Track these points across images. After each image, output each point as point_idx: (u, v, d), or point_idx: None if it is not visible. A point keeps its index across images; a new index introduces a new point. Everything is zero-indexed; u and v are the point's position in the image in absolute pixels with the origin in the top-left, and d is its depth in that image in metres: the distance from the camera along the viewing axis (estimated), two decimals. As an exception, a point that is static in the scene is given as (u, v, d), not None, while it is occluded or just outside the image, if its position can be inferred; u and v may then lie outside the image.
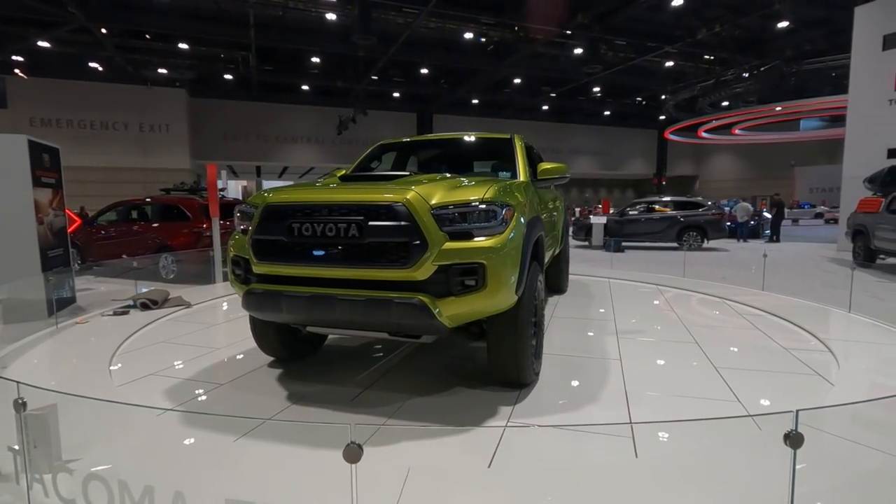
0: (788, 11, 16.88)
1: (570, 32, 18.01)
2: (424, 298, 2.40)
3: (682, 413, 2.69)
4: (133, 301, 5.38)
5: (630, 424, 2.50)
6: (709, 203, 14.38)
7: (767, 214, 17.90)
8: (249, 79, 23.19)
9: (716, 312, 5.26)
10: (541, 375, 3.19)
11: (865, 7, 12.24)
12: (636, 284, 6.93)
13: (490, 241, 2.51)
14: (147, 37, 19.35)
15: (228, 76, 23.02)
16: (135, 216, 9.15)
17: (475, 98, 28.69)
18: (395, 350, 3.83)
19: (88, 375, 3.36)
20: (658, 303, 5.75)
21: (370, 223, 2.45)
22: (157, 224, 8.68)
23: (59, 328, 4.55)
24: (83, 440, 2.25)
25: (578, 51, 19.34)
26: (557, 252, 5.61)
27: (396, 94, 27.70)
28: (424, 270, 2.41)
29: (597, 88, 27.46)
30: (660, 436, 2.51)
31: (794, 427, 1.44)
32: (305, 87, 25.88)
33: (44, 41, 17.96)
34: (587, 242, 14.34)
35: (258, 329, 3.33)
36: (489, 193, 2.61)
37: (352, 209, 2.51)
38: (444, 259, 2.42)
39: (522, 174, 3.74)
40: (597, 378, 3.21)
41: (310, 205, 2.60)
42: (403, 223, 2.42)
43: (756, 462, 2.18)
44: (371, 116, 25.65)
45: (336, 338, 4.04)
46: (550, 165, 3.81)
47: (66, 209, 6.15)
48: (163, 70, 21.26)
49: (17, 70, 20.54)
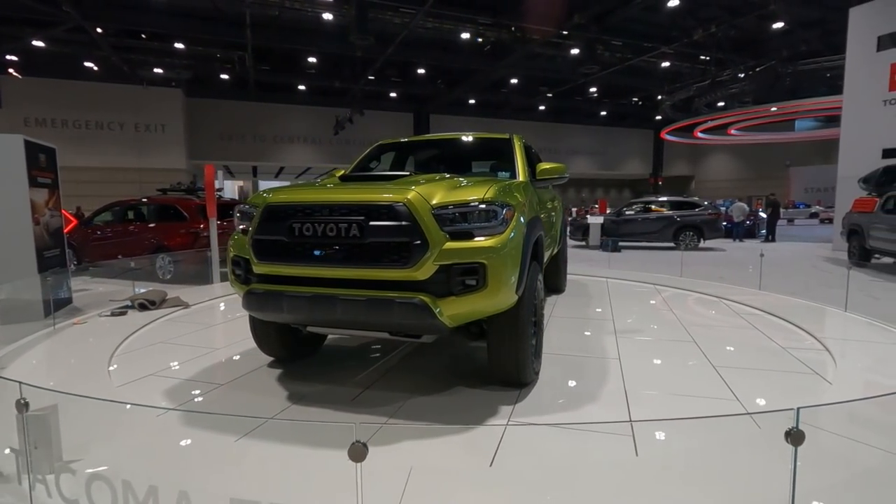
0: (783, 12, 16.98)
1: (567, 33, 18.04)
2: (425, 298, 2.41)
3: (682, 412, 2.70)
4: (131, 301, 5.36)
5: (630, 423, 2.51)
6: (705, 203, 14.44)
7: (763, 214, 18.00)
8: (246, 79, 23.09)
9: (713, 312, 5.29)
10: (540, 375, 3.20)
11: (860, 8, 12.31)
12: (634, 284, 6.95)
13: (491, 241, 2.52)
14: (143, 36, 19.26)
15: (225, 76, 22.93)
16: (131, 216, 9.12)
17: (472, 98, 28.69)
18: (395, 350, 3.83)
19: (87, 376, 3.35)
20: (656, 302, 5.77)
21: (371, 223, 2.45)
22: (154, 224, 8.65)
23: (57, 329, 4.53)
24: (84, 441, 2.24)
25: (575, 51, 19.38)
26: (556, 252, 5.62)
27: (393, 94, 27.66)
28: (425, 270, 2.41)
29: (593, 89, 27.49)
30: (660, 434, 2.52)
31: (795, 424, 1.46)
32: (302, 87, 25.80)
33: (39, 41, 17.84)
34: (584, 242, 14.38)
35: (258, 329, 3.33)
36: (489, 193, 2.62)
37: (353, 209, 2.51)
38: (445, 259, 2.43)
39: (522, 174, 3.75)
40: (596, 377, 3.23)
41: (311, 205, 2.60)
42: (404, 223, 2.42)
43: (756, 460, 2.20)
44: (368, 116, 25.61)
45: (335, 338, 4.04)
46: (549, 165, 3.83)
47: (62, 209, 6.13)
48: (159, 70, 21.13)
49: (12, 70, 20.42)
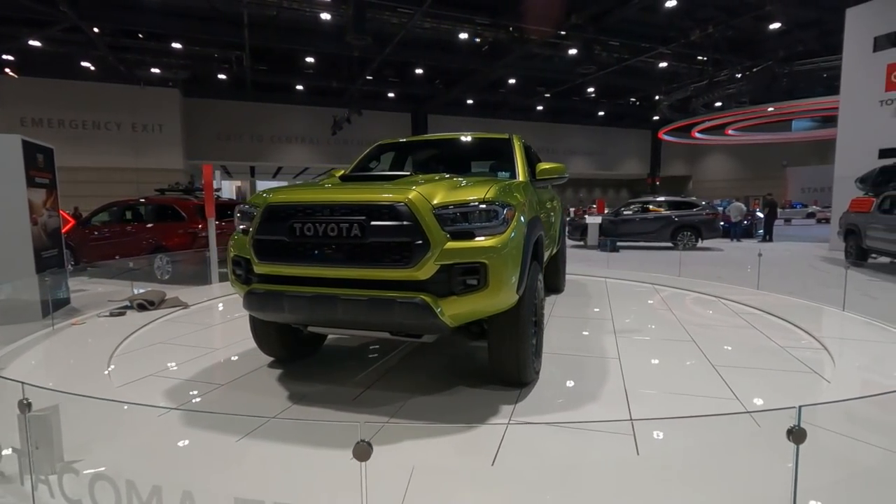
0: (780, 13, 17.03)
1: (565, 33, 18.04)
2: (427, 298, 2.41)
3: (682, 411, 2.72)
4: (130, 302, 5.35)
5: (631, 421, 2.52)
6: (703, 203, 14.47)
7: (760, 214, 18.05)
8: (243, 79, 23.03)
9: (712, 311, 5.31)
10: (541, 374, 3.21)
11: (857, 9, 12.36)
12: (632, 284, 6.97)
13: (491, 241, 2.52)
14: (140, 36, 19.18)
15: (222, 76, 22.83)
16: (129, 217, 9.09)
17: (470, 98, 28.67)
18: (395, 350, 3.83)
19: (87, 377, 3.34)
20: (655, 302, 5.79)
21: (372, 223, 2.46)
22: (152, 225, 8.62)
23: (56, 329, 4.52)
24: (85, 441, 2.24)
25: (573, 51, 19.38)
26: (555, 252, 5.63)
27: (391, 95, 27.63)
28: (427, 270, 2.42)
29: (591, 89, 27.52)
30: (660, 433, 2.53)
31: (797, 423, 1.47)
32: (300, 87, 25.75)
33: (35, 40, 17.74)
34: (583, 242, 14.40)
35: (259, 329, 3.32)
36: (490, 193, 2.62)
37: (354, 209, 2.51)
38: (446, 259, 2.43)
39: (521, 174, 3.76)
40: (596, 377, 3.23)
41: (312, 205, 2.60)
42: (406, 223, 2.43)
43: (757, 458, 2.21)
44: (366, 116, 25.57)
45: (335, 338, 4.04)
46: (549, 166, 3.84)
47: (60, 210, 6.10)
48: (156, 70, 21.05)
49: (8, 69, 20.32)
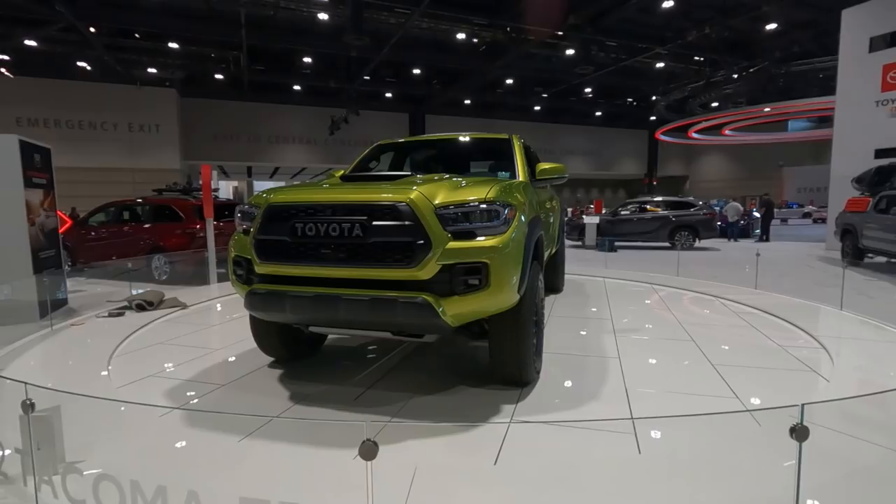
0: (777, 14, 17.12)
1: (562, 34, 18.08)
2: (429, 298, 2.41)
3: (682, 409, 2.73)
4: (128, 302, 5.33)
5: (632, 420, 2.53)
6: (700, 203, 14.52)
7: (757, 214, 18.11)
8: (241, 78, 22.96)
9: (711, 311, 5.33)
10: (541, 374, 3.21)
11: (852, 10, 12.43)
12: (631, 283, 6.99)
13: (493, 241, 2.53)
14: (136, 36, 19.12)
15: (219, 76, 22.78)
16: (126, 217, 9.06)
17: (467, 98, 28.69)
18: (395, 349, 3.83)
19: (87, 377, 3.33)
20: (653, 301, 5.81)
21: (374, 223, 2.46)
22: (150, 225, 8.59)
23: (54, 330, 4.51)
24: (86, 441, 2.23)
25: (570, 52, 19.41)
26: (554, 252, 5.64)
27: (389, 95, 27.62)
28: (429, 270, 2.42)
29: (588, 89, 27.59)
30: (661, 432, 2.54)
31: (800, 420, 1.48)
32: (297, 88, 25.70)
33: (31, 40, 17.65)
34: (581, 242, 14.42)
35: (259, 329, 3.32)
36: (492, 193, 2.63)
37: (356, 209, 2.51)
38: (448, 258, 2.44)
39: (522, 174, 3.76)
40: (596, 376, 3.24)
41: (314, 205, 2.60)
42: (408, 223, 2.43)
43: (758, 456, 2.22)
44: (363, 117, 25.56)
45: (335, 338, 4.04)
46: (549, 166, 3.85)
47: (58, 210, 6.08)
48: (152, 69, 20.98)
49: (4, 69, 20.21)
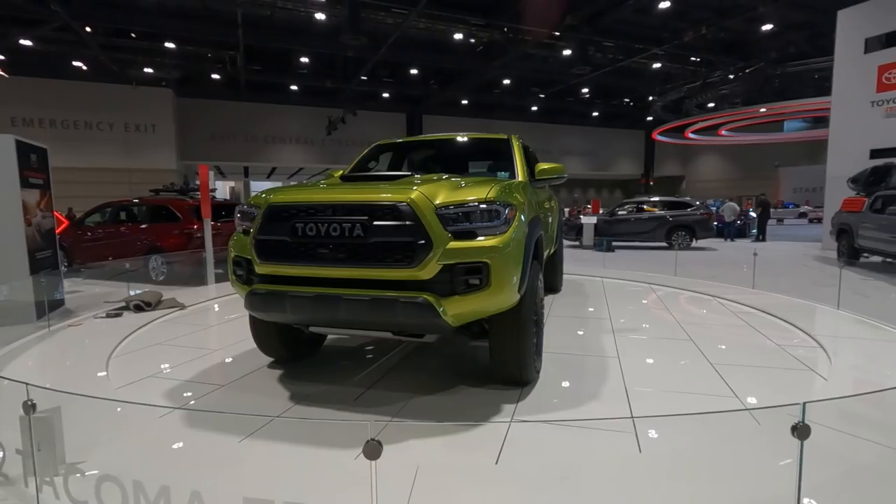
0: (772, 15, 17.20)
1: (559, 34, 18.13)
2: (429, 298, 2.42)
3: (681, 408, 2.74)
4: (126, 303, 5.31)
5: (632, 419, 2.54)
6: (697, 203, 14.58)
7: (753, 214, 18.20)
8: (237, 78, 22.92)
9: (709, 310, 5.35)
10: (541, 374, 3.22)
11: (848, 10, 12.49)
12: (629, 283, 7.01)
13: (493, 241, 2.53)
14: (132, 35, 19.05)
15: (216, 76, 22.72)
16: (123, 217, 9.02)
17: (465, 99, 28.72)
18: (395, 349, 3.83)
19: (86, 378, 3.32)
20: (652, 301, 5.82)
21: (375, 223, 2.46)
22: (147, 225, 8.56)
23: (52, 331, 4.48)
24: (87, 442, 2.23)
25: (567, 52, 19.48)
26: (552, 252, 5.65)
27: (386, 95, 27.61)
28: (429, 270, 2.42)
29: (585, 90, 27.67)
30: (661, 431, 2.55)
31: (802, 419, 1.49)
32: (294, 88, 25.66)
33: (26, 39, 17.57)
34: (578, 242, 14.45)
35: (259, 330, 3.31)
36: (492, 193, 2.63)
37: (356, 209, 2.51)
38: (449, 258, 2.44)
39: (521, 174, 3.77)
40: (596, 376, 3.25)
41: (314, 205, 2.59)
42: (408, 223, 2.43)
43: (758, 455, 2.23)
44: (361, 117, 25.52)
45: (335, 338, 4.04)
46: (548, 166, 3.86)
47: (54, 210, 6.05)
48: (149, 69, 20.92)
49: (-1, 69, 20.14)
